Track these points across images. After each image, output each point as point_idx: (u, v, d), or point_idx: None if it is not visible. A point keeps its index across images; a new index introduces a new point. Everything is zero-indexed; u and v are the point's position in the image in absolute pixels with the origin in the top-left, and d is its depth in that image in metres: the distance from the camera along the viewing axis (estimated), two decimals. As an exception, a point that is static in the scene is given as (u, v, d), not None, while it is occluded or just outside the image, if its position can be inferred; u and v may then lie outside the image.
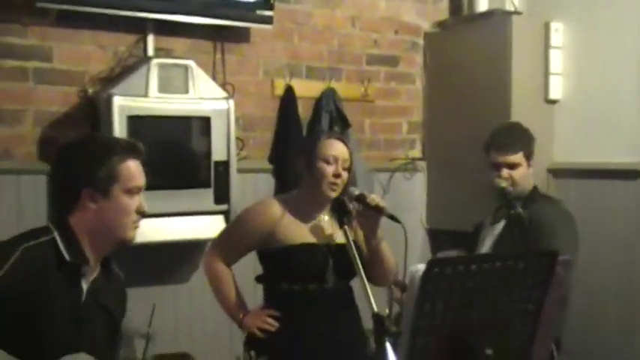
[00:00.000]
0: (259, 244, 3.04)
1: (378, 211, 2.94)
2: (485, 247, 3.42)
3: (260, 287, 3.18)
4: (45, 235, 2.25)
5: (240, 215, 3.20)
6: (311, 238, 3.02)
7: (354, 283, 3.07)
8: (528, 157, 3.42)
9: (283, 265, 3.01)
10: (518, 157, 3.39)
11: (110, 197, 2.26)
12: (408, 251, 2.76)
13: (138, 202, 2.31)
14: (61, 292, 2.20)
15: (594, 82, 4.43)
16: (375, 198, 2.98)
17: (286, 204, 3.05)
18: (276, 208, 3.04)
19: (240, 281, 3.16)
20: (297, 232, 3.01)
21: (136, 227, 2.33)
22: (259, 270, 3.17)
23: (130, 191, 2.29)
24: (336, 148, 3.02)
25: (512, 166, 3.38)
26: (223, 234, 3.20)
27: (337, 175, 2.98)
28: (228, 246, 3.11)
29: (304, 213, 3.05)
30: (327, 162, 2.98)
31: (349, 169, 3.04)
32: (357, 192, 2.99)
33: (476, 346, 2.18)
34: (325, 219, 3.08)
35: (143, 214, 2.33)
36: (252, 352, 2.55)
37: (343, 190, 3.01)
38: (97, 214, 2.26)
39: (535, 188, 3.47)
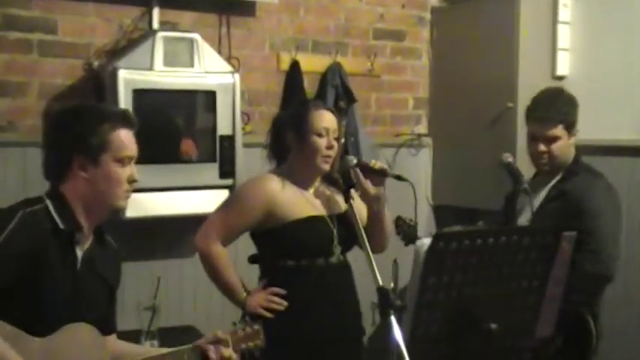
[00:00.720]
0: (260, 221, 2.97)
1: (383, 173, 2.93)
2: (524, 218, 3.28)
3: (251, 268, 3.13)
4: (38, 204, 2.26)
5: (238, 192, 3.12)
6: (313, 211, 2.99)
7: (355, 259, 3.07)
8: (569, 128, 3.24)
9: (290, 241, 2.96)
10: (557, 131, 3.22)
11: (100, 166, 2.27)
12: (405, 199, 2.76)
13: (129, 172, 2.32)
14: (55, 259, 2.22)
15: (603, 58, 4.40)
16: (376, 162, 2.98)
17: (282, 177, 3.00)
18: (275, 182, 2.98)
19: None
20: (298, 205, 2.97)
21: (128, 196, 2.34)
22: (250, 251, 3.12)
23: (121, 161, 2.29)
24: (327, 120, 2.98)
25: (551, 140, 3.22)
26: (220, 213, 3.05)
27: (330, 147, 2.95)
28: (227, 226, 3.00)
29: (299, 185, 3.01)
30: (320, 135, 2.94)
31: (339, 139, 3.01)
32: (354, 160, 2.98)
33: (480, 321, 2.18)
34: (320, 190, 3.05)
35: (135, 183, 2.34)
36: (247, 318, 2.54)
37: (336, 160, 2.99)
38: (88, 183, 2.28)
39: (577, 159, 3.31)
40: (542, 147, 3.25)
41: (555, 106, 3.26)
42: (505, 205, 3.49)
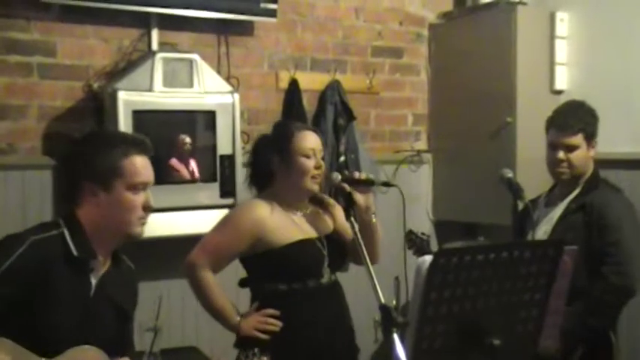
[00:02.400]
0: (249, 247, 2.94)
1: (370, 182, 2.91)
2: (542, 230, 3.29)
3: (241, 291, 3.10)
4: (54, 230, 2.26)
5: (227, 220, 3.04)
6: (302, 234, 2.96)
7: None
8: (589, 139, 3.27)
9: (283, 265, 2.93)
10: (577, 139, 3.24)
11: (112, 192, 2.25)
12: (407, 216, 2.81)
13: (144, 199, 2.29)
14: (68, 286, 2.21)
15: (600, 72, 4.41)
16: (361, 173, 2.99)
17: (269, 202, 2.97)
18: (264, 208, 2.95)
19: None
20: (288, 230, 2.94)
21: (143, 223, 2.32)
22: (240, 274, 3.11)
23: (135, 187, 2.27)
24: (312, 140, 2.97)
25: (571, 148, 3.24)
26: (209, 241, 3.01)
27: (318, 167, 2.94)
28: (217, 253, 2.97)
29: (287, 210, 2.99)
30: (307, 156, 2.93)
31: (324, 158, 3.02)
32: (339, 176, 2.94)
33: (483, 335, 2.18)
34: (307, 212, 3.04)
35: (150, 210, 2.31)
36: (256, 349, 2.53)
37: (322, 179, 2.98)
38: (101, 209, 2.26)
39: (596, 172, 3.32)
40: (561, 154, 3.26)
41: (577, 116, 3.29)
42: (516, 220, 3.46)
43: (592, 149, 3.30)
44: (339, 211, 3.05)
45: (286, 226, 2.95)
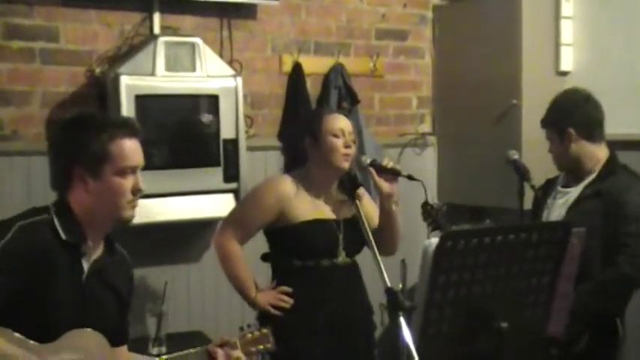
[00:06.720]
0: (272, 220, 3.08)
1: (395, 173, 3.02)
2: (557, 212, 3.23)
3: (264, 266, 3.22)
4: (43, 214, 2.23)
5: (253, 192, 3.23)
6: (322, 214, 3.09)
7: (364, 261, 3.10)
8: (561, 133, 3.16)
9: (297, 242, 3.06)
10: (548, 133, 3.23)
11: (101, 178, 2.22)
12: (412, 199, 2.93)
13: (133, 182, 2.25)
14: (59, 270, 2.19)
15: (606, 53, 4.38)
16: (389, 161, 3.06)
17: (297, 180, 3.11)
18: (288, 184, 3.10)
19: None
20: (309, 208, 3.07)
21: (134, 207, 2.28)
22: (263, 249, 3.22)
23: (122, 172, 2.23)
24: (341, 121, 3.11)
25: (549, 141, 3.23)
26: (236, 212, 3.23)
27: (348, 146, 3.05)
28: (242, 224, 3.14)
29: (313, 189, 3.12)
30: (336, 135, 3.05)
31: (355, 142, 3.12)
32: (368, 159, 3.08)
33: (490, 319, 2.17)
34: (333, 194, 3.13)
35: (140, 193, 2.28)
36: (256, 321, 2.58)
37: (353, 161, 3.09)
38: (90, 194, 2.23)
39: (612, 158, 3.21)
40: (549, 147, 3.26)
41: (551, 109, 3.26)
42: (540, 191, 3.37)
43: (569, 142, 3.16)
44: (366, 200, 3.15)
45: (307, 204, 3.08)
